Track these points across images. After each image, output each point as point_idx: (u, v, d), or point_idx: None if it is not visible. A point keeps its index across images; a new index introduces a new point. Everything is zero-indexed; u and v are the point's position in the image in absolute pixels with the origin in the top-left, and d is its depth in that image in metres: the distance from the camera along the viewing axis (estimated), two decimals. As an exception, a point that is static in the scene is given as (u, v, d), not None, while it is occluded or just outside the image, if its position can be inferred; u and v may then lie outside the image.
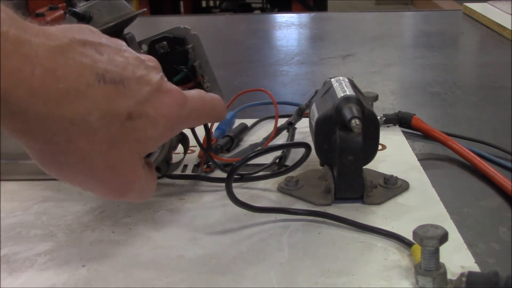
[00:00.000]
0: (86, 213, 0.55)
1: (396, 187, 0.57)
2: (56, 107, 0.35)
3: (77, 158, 0.37)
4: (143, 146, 0.40)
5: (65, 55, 0.35)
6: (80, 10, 0.53)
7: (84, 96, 0.36)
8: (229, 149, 0.67)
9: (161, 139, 0.41)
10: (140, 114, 0.38)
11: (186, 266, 0.47)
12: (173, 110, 0.40)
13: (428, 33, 1.38)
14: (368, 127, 0.54)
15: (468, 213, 0.54)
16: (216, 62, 0.65)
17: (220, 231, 0.51)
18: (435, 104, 0.86)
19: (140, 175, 0.41)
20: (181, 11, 3.93)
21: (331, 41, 1.37)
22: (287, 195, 0.57)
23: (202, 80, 0.59)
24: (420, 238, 0.41)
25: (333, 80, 0.59)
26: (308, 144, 0.55)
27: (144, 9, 0.65)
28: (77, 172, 0.38)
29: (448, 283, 0.42)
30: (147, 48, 0.58)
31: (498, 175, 0.58)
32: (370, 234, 0.50)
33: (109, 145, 0.38)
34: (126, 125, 0.38)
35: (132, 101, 0.38)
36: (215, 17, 2.49)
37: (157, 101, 0.40)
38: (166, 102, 0.40)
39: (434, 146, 0.69)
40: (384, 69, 1.06)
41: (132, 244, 0.50)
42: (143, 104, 0.39)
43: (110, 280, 0.45)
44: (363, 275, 0.45)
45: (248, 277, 0.45)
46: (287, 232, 0.51)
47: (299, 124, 0.70)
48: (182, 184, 0.60)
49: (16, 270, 0.47)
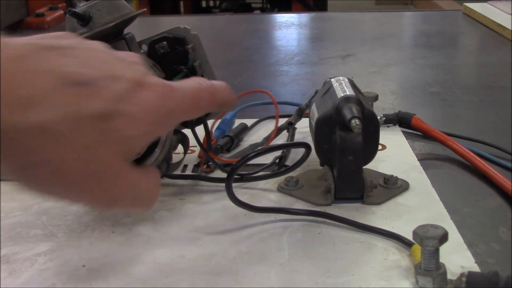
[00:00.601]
0: (86, 213, 0.55)
1: (396, 187, 0.57)
2: (21, 115, 0.32)
3: (51, 168, 0.34)
4: (127, 147, 0.37)
5: (25, 61, 0.34)
6: (80, 10, 0.53)
7: (49, 102, 0.33)
8: (229, 149, 0.67)
9: (149, 136, 0.39)
10: (118, 114, 0.36)
11: (186, 266, 0.47)
12: (157, 103, 0.38)
13: (428, 33, 1.38)
14: (368, 127, 0.54)
15: (468, 213, 0.54)
16: (216, 62, 0.65)
17: (220, 231, 0.51)
18: (435, 104, 0.86)
19: (127, 179, 0.38)
20: (181, 11, 3.93)
21: (331, 41, 1.37)
22: (287, 195, 0.57)
23: (202, 80, 0.59)
24: (420, 238, 0.41)
25: (333, 80, 0.59)
26: (308, 144, 0.55)
27: (144, 9, 0.65)
28: (55, 184, 0.36)
29: (448, 283, 0.42)
30: (147, 48, 0.58)
31: (498, 175, 0.58)
32: (370, 234, 0.50)
33: (85, 151, 0.35)
34: (102, 127, 0.35)
35: (105, 101, 0.35)
36: (215, 17, 2.49)
37: (137, 97, 0.37)
38: (148, 97, 0.37)
39: (434, 146, 0.69)
40: (384, 69, 1.06)
41: (132, 244, 0.50)
42: (120, 102, 0.36)
43: (110, 280, 0.45)
44: (363, 275, 0.45)
45: (248, 277, 0.45)
46: (287, 232, 0.51)
47: (299, 124, 0.70)
48: (182, 184, 0.60)
49: (16, 270, 0.47)
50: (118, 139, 0.36)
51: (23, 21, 1.50)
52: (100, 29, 0.53)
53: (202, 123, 0.58)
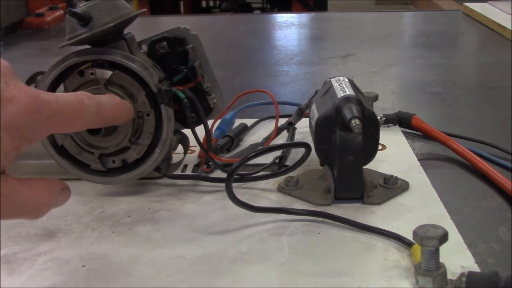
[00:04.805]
0: (86, 213, 0.55)
1: (396, 187, 0.57)
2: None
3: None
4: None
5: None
6: (80, 10, 0.53)
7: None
8: (229, 149, 0.67)
9: (13, 152, 0.38)
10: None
11: (186, 266, 0.47)
12: (18, 120, 0.37)
13: (428, 33, 1.38)
14: (368, 127, 0.54)
15: (468, 213, 0.54)
16: (216, 62, 0.65)
17: (220, 231, 0.51)
18: (435, 104, 0.86)
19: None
20: (181, 11, 3.93)
21: (331, 41, 1.37)
22: (287, 195, 0.57)
23: (202, 80, 0.59)
24: (420, 238, 0.41)
25: (333, 80, 0.59)
26: (308, 144, 0.55)
27: (144, 9, 0.65)
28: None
29: (448, 283, 0.42)
30: (147, 48, 0.58)
31: (498, 175, 0.58)
32: (370, 234, 0.50)
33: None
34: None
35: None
36: (215, 17, 2.49)
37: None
38: (7, 113, 0.36)
39: (434, 146, 0.69)
40: (384, 69, 1.06)
41: (132, 244, 0.50)
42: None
43: (110, 280, 0.45)
44: (363, 275, 0.45)
45: (248, 277, 0.45)
46: (287, 232, 0.51)
47: (299, 124, 0.70)
48: (182, 184, 0.60)
49: (16, 270, 0.47)
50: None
51: (23, 21, 1.50)
52: (100, 29, 0.53)
53: (202, 123, 0.58)
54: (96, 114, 0.44)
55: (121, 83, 0.54)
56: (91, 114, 0.44)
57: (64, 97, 0.41)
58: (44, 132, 0.40)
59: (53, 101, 0.39)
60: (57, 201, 0.42)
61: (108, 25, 0.53)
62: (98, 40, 0.55)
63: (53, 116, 0.39)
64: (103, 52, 0.54)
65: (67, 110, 0.41)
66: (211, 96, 0.61)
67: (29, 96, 0.38)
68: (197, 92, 0.58)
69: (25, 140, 0.38)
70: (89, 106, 0.43)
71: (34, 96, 0.38)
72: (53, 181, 0.42)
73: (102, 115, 0.45)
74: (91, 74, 0.53)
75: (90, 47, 0.55)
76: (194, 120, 0.57)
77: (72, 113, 0.41)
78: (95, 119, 0.45)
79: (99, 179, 0.57)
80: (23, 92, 0.38)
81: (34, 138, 0.39)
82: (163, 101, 0.54)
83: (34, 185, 0.40)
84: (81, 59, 0.54)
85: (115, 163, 0.55)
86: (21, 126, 0.37)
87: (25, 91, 0.38)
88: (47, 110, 0.39)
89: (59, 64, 0.54)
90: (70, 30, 0.54)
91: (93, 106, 0.44)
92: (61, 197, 0.43)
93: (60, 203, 0.43)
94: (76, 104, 0.42)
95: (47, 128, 0.40)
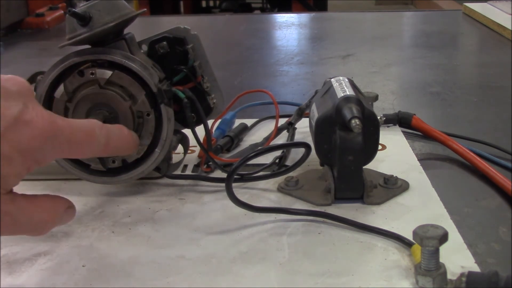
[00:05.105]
0: (86, 213, 0.55)
1: (396, 187, 0.57)
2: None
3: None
4: (2, 184, 0.37)
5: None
6: (80, 10, 0.53)
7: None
8: (229, 149, 0.67)
9: (24, 172, 0.38)
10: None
11: (186, 266, 0.47)
12: (33, 144, 0.38)
13: (428, 33, 1.38)
14: (368, 127, 0.54)
15: (468, 213, 0.54)
16: (216, 62, 0.65)
17: (220, 231, 0.51)
18: (435, 104, 0.86)
19: (5, 210, 0.38)
20: (181, 11, 3.93)
21: (331, 41, 1.37)
22: (287, 195, 0.57)
23: (202, 80, 0.59)
24: (420, 238, 0.41)
25: (333, 80, 0.59)
26: (308, 144, 0.55)
27: (144, 9, 0.65)
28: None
29: (448, 283, 0.42)
30: (147, 48, 0.58)
31: (498, 175, 0.58)
32: (370, 234, 0.50)
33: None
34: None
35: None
36: (215, 17, 2.49)
37: (13, 135, 0.36)
38: (24, 136, 0.37)
39: (434, 146, 0.69)
40: (384, 69, 1.06)
41: (132, 244, 0.50)
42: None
43: (110, 280, 0.45)
44: (363, 275, 0.45)
45: (248, 277, 0.45)
46: (287, 232, 0.51)
47: (299, 124, 0.70)
48: (182, 184, 0.60)
49: (16, 270, 0.47)
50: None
51: (23, 21, 1.50)
52: (100, 29, 0.53)
53: (202, 123, 0.58)
54: (104, 145, 0.45)
55: (121, 83, 0.54)
56: (100, 144, 0.45)
57: (78, 125, 0.42)
58: (54, 157, 0.41)
59: (67, 128, 0.40)
60: (61, 220, 0.43)
61: (108, 25, 0.53)
62: (98, 40, 0.55)
63: (65, 143, 0.40)
64: (103, 52, 0.54)
65: (79, 138, 0.42)
66: (211, 96, 0.61)
67: (45, 120, 0.38)
68: (197, 92, 0.58)
69: (36, 162, 0.39)
70: (99, 137, 0.44)
71: (51, 122, 0.39)
72: (59, 200, 0.43)
73: (109, 147, 0.46)
74: (91, 74, 0.53)
75: (90, 47, 0.55)
76: (194, 120, 0.57)
77: (83, 142, 0.42)
78: (102, 149, 0.46)
79: (99, 179, 0.57)
80: (40, 117, 0.38)
81: (44, 161, 0.40)
82: (163, 101, 0.54)
83: (39, 203, 0.41)
84: (81, 59, 0.54)
85: (115, 163, 0.55)
86: (35, 150, 0.38)
87: (42, 116, 0.39)
88: (61, 137, 0.40)
89: (59, 64, 0.54)
90: (70, 30, 0.54)
91: (103, 137, 0.45)
92: (65, 216, 0.44)
93: (64, 222, 0.44)
94: (88, 134, 0.43)
95: (58, 154, 0.41)
